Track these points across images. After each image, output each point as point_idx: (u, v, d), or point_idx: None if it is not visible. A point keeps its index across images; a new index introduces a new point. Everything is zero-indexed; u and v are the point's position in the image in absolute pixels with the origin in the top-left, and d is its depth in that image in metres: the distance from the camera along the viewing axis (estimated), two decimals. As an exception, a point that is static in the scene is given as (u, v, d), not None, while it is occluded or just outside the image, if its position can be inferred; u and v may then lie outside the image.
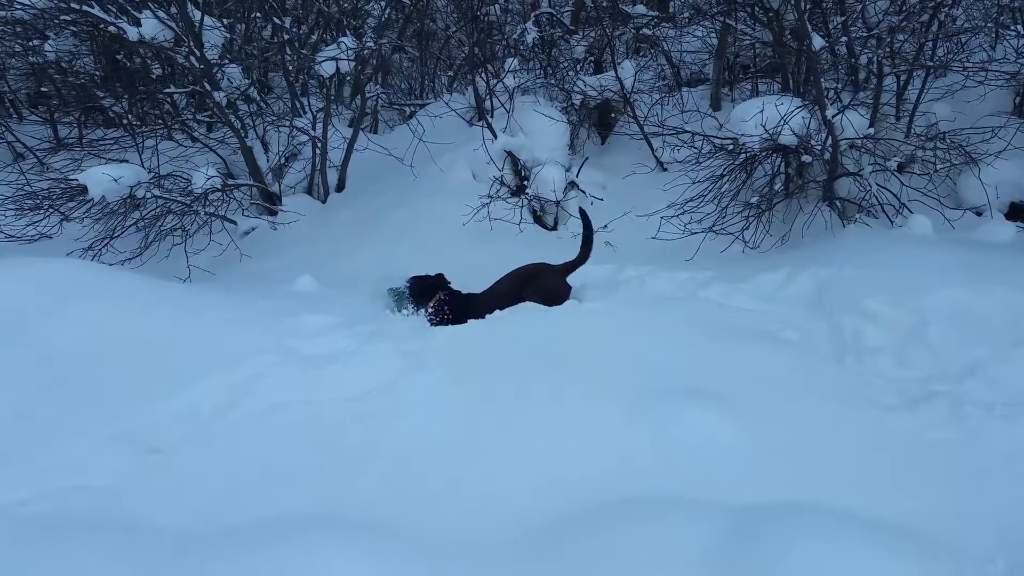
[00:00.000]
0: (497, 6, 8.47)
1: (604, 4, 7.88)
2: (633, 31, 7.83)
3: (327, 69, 6.33)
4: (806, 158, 5.76)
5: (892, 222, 5.67)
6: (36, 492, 3.00)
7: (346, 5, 6.59)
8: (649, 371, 3.50)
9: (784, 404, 3.29)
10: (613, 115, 7.83)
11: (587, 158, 7.10)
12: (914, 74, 6.35)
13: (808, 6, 5.79)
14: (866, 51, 6.29)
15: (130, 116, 7.75)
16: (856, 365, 3.80)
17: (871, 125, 5.85)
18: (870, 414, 3.31)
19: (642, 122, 7.16)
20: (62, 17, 6.55)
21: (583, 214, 5.09)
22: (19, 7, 6.49)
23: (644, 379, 3.42)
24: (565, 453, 3.04)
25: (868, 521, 2.58)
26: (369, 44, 6.52)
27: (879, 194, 5.80)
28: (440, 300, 4.85)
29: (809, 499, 2.72)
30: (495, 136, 6.94)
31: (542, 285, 4.78)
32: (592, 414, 3.22)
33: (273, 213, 6.98)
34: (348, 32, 6.59)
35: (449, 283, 4.99)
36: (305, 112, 7.06)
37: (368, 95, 7.29)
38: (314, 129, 6.84)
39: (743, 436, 3.05)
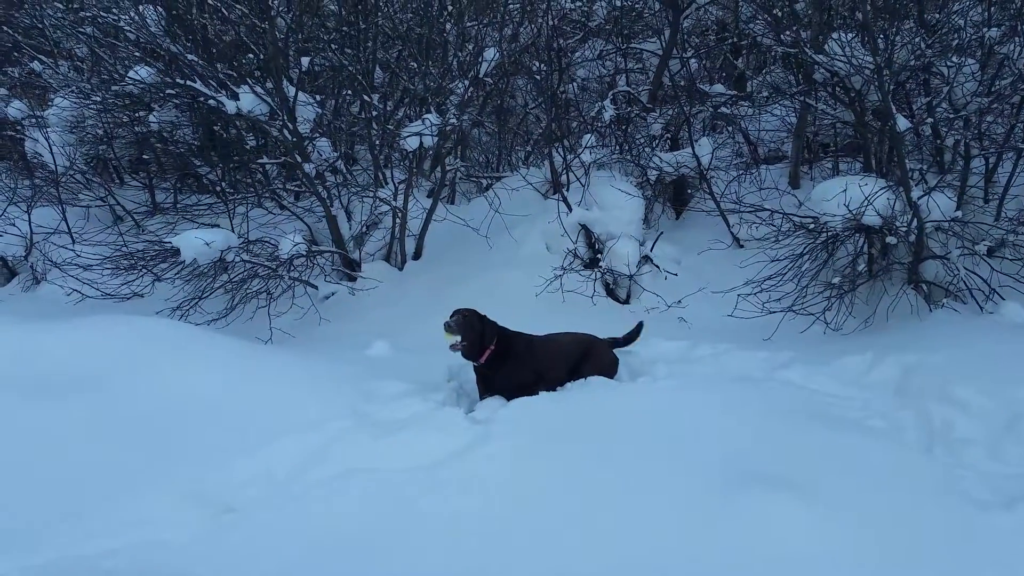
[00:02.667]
0: (574, 84, 8.69)
1: (682, 83, 7.99)
2: (711, 109, 7.89)
3: (411, 144, 6.56)
4: (891, 239, 5.63)
5: (982, 308, 5.45)
6: (115, 545, 3.09)
7: (431, 84, 6.85)
8: (725, 455, 3.39)
9: (871, 496, 3.13)
10: (689, 191, 7.85)
11: (661, 232, 7.10)
12: (1004, 156, 6.19)
13: (892, 87, 5.74)
14: (952, 132, 6.17)
15: (223, 184, 8.12)
16: (946, 457, 3.63)
17: (958, 207, 5.70)
18: (963, 511, 3.11)
19: (719, 198, 7.14)
20: (168, 91, 7.00)
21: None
22: (130, 82, 6.96)
23: (720, 463, 3.31)
24: (635, 538, 2.95)
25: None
26: (452, 120, 6.73)
27: (967, 279, 5.60)
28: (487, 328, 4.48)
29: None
30: (570, 209, 7.02)
31: (602, 359, 4.70)
32: (666, 498, 3.13)
33: (352, 279, 7.17)
34: (432, 109, 6.84)
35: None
36: (387, 183, 7.30)
37: (447, 168, 7.50)
38: (395, 199, 7.05)
39: (826, 530, 2.90)
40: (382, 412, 4.08)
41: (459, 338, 4.37)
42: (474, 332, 4.42)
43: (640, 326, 5.10)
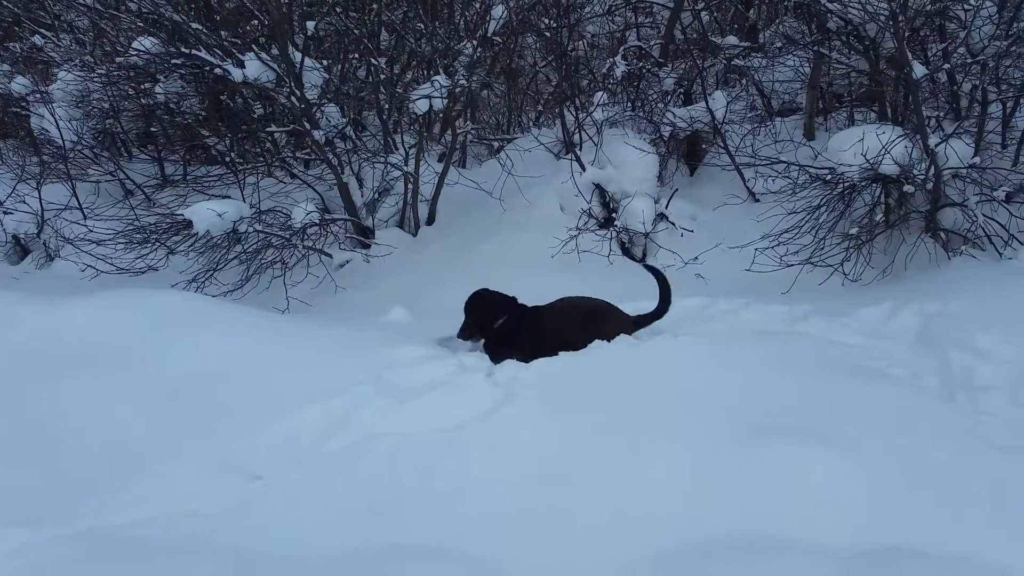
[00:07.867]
0: (584, 41, 8.56)
1: (694, 36, 7.86)
2: (723, 62, 7.76)
3: (421, 107, 6.50)
4: (908, 188, 5.57)
5: (1001, 255, 5.42)
6: (147, 516, 3.12)
7: (439, 45, 6.76)
8: (749, 407, 3.40)
9: (892, 443, 3.14)
10: (703, 146, 7.76)
11: (676, 189, 7.04)
12: (1022, 100, 6.08)
13: (907, 33, 5.63)
14: (969, 78, 6.06)
15: (233, 154, 8.08)
16: (968, 404, 3.63)
17: (976, 154, 5.62)
18: (986, 455, 3.12)
19: (733, 153, 7.06)
20: (173, 61, 6.94)
21: (653, 270, 4.77)
22: (134, 53, 6.90)
23: (744, 415, 3.32)
24: (663, 488, 2.97)
25: (984, 567, 2.46)
26: (461, 82, 6.65)
27: (986, 225, 5.55)
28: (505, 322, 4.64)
29: (921, 545, 2.60)
30: (583, 169, 6.97)
31: (607, 331, 4.42)
32: (690, 449, 3.14)
33: (367, 246, 7.16)
34: (440, 71, 6.76)
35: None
36: (397, 148, 7.25)
37: (458, 131, 7.44)
38: (406, 164, 7.01)
39: (849, 477, 2.91)
40: (403, 377, 4.08)
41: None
42: (473, 321, 4.70)
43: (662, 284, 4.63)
